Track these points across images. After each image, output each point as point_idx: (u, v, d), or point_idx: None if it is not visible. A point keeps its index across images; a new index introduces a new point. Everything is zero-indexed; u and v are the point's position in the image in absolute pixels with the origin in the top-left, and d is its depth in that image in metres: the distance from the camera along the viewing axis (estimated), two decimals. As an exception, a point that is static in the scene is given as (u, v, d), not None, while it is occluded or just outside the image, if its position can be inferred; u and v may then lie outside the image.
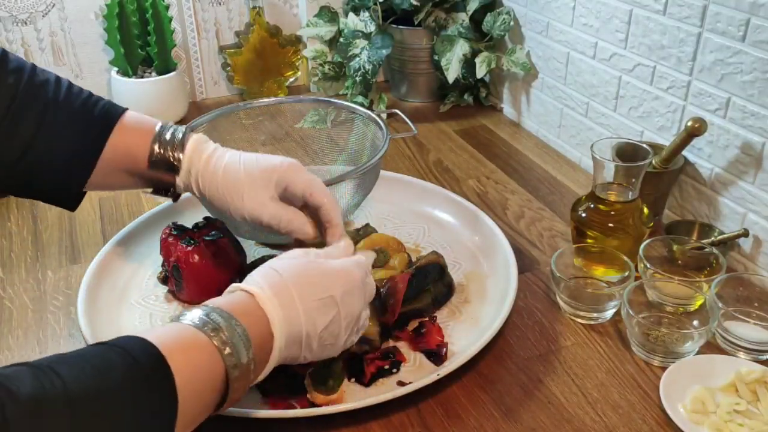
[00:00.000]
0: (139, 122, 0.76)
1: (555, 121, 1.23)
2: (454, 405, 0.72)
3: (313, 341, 0.61)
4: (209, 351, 0.53)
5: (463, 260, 0.92)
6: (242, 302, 0.59)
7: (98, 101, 0.75)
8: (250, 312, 0.58)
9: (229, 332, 0.54)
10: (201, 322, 0.54)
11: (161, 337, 0.52)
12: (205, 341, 0.53)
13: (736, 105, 0.87)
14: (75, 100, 0.73)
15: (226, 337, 0.54)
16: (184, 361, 0.51)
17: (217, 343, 0.53)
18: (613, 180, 0.87)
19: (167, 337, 0.52)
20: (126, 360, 0.48)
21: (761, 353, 0.77)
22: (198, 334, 0.53)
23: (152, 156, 0.74)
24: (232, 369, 0.54)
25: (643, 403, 0.72)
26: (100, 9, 1.31)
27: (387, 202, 1.03)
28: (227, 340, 0.54)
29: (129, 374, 0.48)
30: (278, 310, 0.59)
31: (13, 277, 0.92)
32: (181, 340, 0.53)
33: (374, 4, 1.36)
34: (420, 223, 1.00)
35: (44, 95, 0.71)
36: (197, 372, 0.52)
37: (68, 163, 0.73)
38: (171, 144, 0.74)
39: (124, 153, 0.74)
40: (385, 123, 0.94)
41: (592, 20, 1.08)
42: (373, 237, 0.87)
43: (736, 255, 0.91)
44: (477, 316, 0.82)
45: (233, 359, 0.54)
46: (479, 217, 0.96)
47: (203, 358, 0.53)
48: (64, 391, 0.44)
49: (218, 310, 0.56)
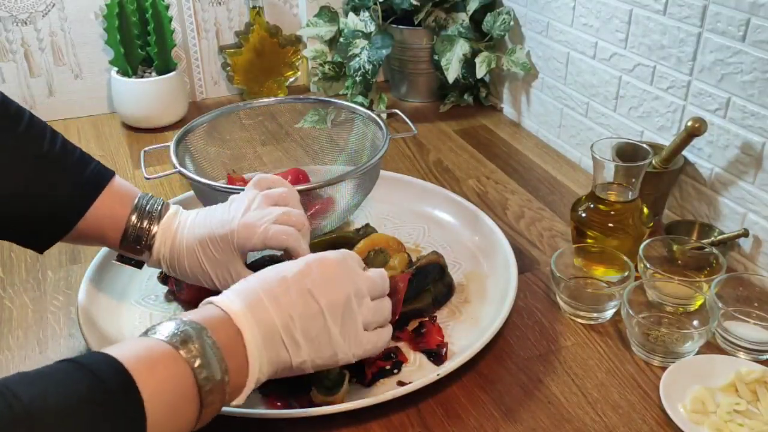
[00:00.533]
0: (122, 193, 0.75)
1: (555, 121, 1.23)
2: (454, 405, 0.72)
3: (296, 333, 0.59)
4: (178, 364, 0.52)
5: (463, 260, 0.92)
6: (213, 314, 0.57)
7: (89, 163, 0.74)
8: (219, 322, 0.56)
9: (200, 344, 0.53)
10: (170, 334, 0.53)
11: (128, 352, 0.50)
12: (174, 354, 0.52)
13: (736, 105, 0.87)
14: (69, 158, 0.73)
15: (196, 349, 0.52)
16: (151, 377, 0.49)
17: (186, 356, 0.52)
18: (613, 180, 0.87)
19: (134, 352, 0.51)
20: (90, 378, 0.47)
21: (761, 353, 0.77)
22: (166, 347, 0.52)
23: (127, 231, 0.74)
24: (204, 381, 0.52)
25: (643, 403, 0.72)
26: (100, 9, 1.31)
27: (387, 202, 1.03)
28: (197, 353, 0.52)
29: (93, 393, 0.46)
30: (244, 311, 0.57)
31: (13, 277, 0.92)
32: (148, 354, 0.51)
33: (374, 4, 1.37)
34: (420, 223, 1.00)
35: (38, 148, 0.70)
36: (166, 386, 0.50)
37: (50, 218, 0.72)
38: (149, 217, 0.74)
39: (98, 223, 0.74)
40: (385, 123, 0.94)
41: (592, 20, 1.08)
42: (373, 237, 0.87)
43: (736, 255, 0.91)
44: (477, 316, 0.82)
45: (204, 371, 0.52)
46: (479, 217, 0.96)
47: (172, 372, 0.51)
48: (26, 414, 0.42)
49: (190, 322, 0.55)
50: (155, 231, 0.74)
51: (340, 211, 0.91)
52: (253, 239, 0.71)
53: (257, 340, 0.57)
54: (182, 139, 0.92)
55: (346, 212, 0.93)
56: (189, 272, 0.74)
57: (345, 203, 0.90)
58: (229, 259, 0.72)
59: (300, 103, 1.07)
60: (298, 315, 0.60)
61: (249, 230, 0.71)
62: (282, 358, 0.60)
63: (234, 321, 0.57)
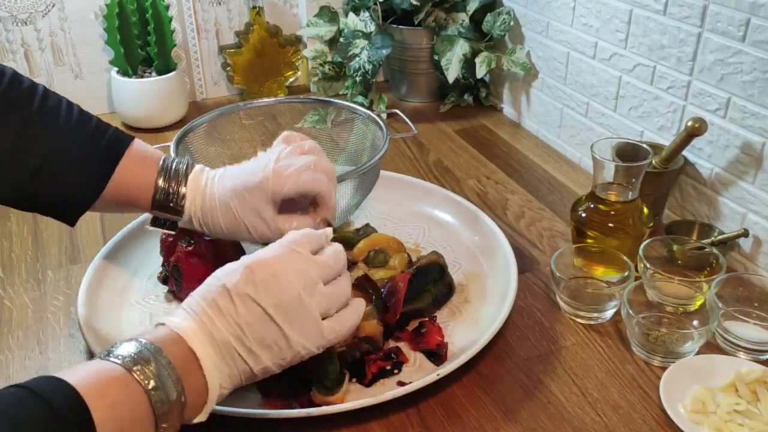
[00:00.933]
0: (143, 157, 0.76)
1: (555, 121, 1.23)
2: (454, 405, 0.72)
3: (250, 344, 0.58)
4: (131, 387, 0.51)
5: (463, 260, 0.92)
6: (167, 335, 0.56)
7: (107, 130, 0.76)
8: (173, 342, 0.56)
9: (155, 366, 0.52)
10: (126, 356, 0.52)
11: (80, 376, 0.49)
12: (127, 377, 0.51)
13: (736, 105, 0.87)
14: (86, 128, 0.74)
15: (150, 371, 0.52)
16: (104, 400, 0.48)
17: (140, 378, 0.51)
18: (613, 180, 0.87)
19: (86, 376, 0.50)
20: (41, 405, 0.46)
21: (761, 353, 0.77)
22: (119, 371, 0.51)
23: (156, 194, 0.75)
24: (159, 404, 0.51)
25: (643, 403, 0.72)
26: (100, 9, 1.31)
27: (387, 202, 1.03)
28: (152, 375, 0.52)
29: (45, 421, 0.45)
30: (194, 329, 0.57)
31: (13, 277, 0.92)
32: (101, 377, 0.50)
33: (374, 4, 1.37)
34: (420, 223, 1.00)
35: (56, 120, 0.72)
36: (119, 410, 0.49)
37: (73, 190, 0.73)
38: (176, 179, 0.75)
39: (127, 189, 0.75)
40: (385, 123, 0.94)
41: (592, 20, 1.08)
42: (373, 237, 0.87)
43: (736, 255, 0.91)
44: (477, 316, 0.82)
45: (159, 394, 0.51)
46: (479, 217, 0.96)
47: (124, 395, 0.50)
48: None
49: (146, 344, 0.54)
50: (184, 191, 0.75)
51: (340, 211, 0.91)
52: (287, 185, 0.72)
53: (212, 358, 0.56)
54: (182, 139, 0.93)
55: (346, 212, 0.93)
56: (223, 227, 0.74)
57: (345, 203, 0.90)
58: (264, 209, 0.73)
59: (300, 103, 1.07)
60: (247, 325, 0.58)
61: (282, 177, 0.72)
62: (242, 370, 0.58)
63: (186, 341, 0.56)
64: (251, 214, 0.73)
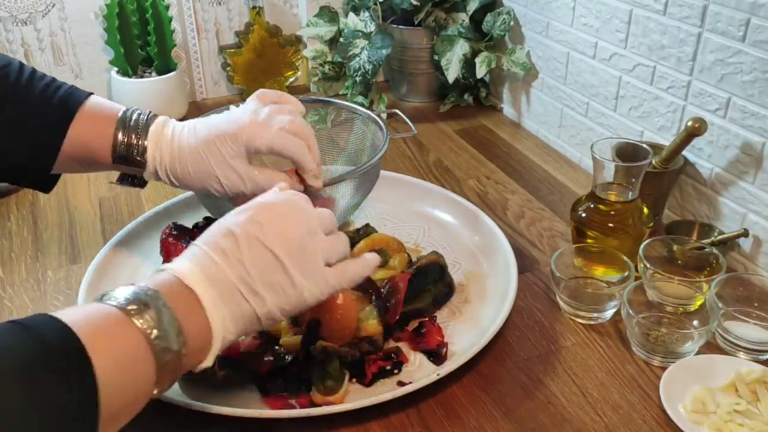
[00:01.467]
0: (101, 109, 0.75)
1: (555, 121, 1.23)
2: (454, 405, 0.72)
3: (255, 285, 0.56)
4: (132, 332, 0.49)
5: (463, 260, 0.92)
6: (166, 279, 0.54)
7: (59, 87, 0.74)
8: (172, 286, 0.54)
9: (155, 311, 0.50)
10: (125, 301, 0.50)
11: (78, 317, 0.47)
12: (127, 322, 0.49)
13: (736, 105, 0.87)
14: (36, 86, 0.72)
15: (151, 317, 0.50)
16: (103, 344, 0.46)
17: (141, 325, 0.49)
18: (613, 180, 0.87)
19: (85, 318, 0.47)
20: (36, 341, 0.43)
21: (761, 353, 0.77)
22: (120, 315, 0.49)
23: (116, 147, 0.73)
24: (160, 349, 0.50)
25: (643, 403, 0.72)
26: (100, 9, 1.31)
27: (387, 202, 1.03)
28: (153, 321, 0.50)
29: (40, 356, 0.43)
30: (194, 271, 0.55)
31: (13, 277, 0.92)
32: (101, 321, 0.48)
33: (374, 4, 1.37)
34: (420, 223, 1.00)
35: (6, 80, 0.71)
36: (118, 355, 0.47)
37: (31, 151, 0.72)
38: (135, 131, 0.74)
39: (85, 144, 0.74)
40: (385, 123, 0.94)
41: (592, 20, 1.08)
42: (373, 237, 0.87)
43: (736, 255, 0.91)
44: (477, 316, 0.82)
45: (160, 340, 0.50)
46: (479, 217, 0.96)
47: (125, 340, 0.48)
48: None
49: (145, 288, 0.52)
50: (145, 144, 0.74)
51: (340, 211, 0.91)
52: (262, 138, 0.71)
53: (214, 299, 0.55)
54: None
55: (346, 212, 0.93)
56: (193, 177, 0.73)
57: (345, 203, 0.90)
58: (237, 160, 0.72)
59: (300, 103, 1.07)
60: (252, 265, 0.57)
61: (259, 129, 0.71)
62: (246, 312, 0.57)
63: (186, 283, 0.54)
64: (223, 165, 0.72)
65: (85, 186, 1.14)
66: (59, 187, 1.13)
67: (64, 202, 1.09)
